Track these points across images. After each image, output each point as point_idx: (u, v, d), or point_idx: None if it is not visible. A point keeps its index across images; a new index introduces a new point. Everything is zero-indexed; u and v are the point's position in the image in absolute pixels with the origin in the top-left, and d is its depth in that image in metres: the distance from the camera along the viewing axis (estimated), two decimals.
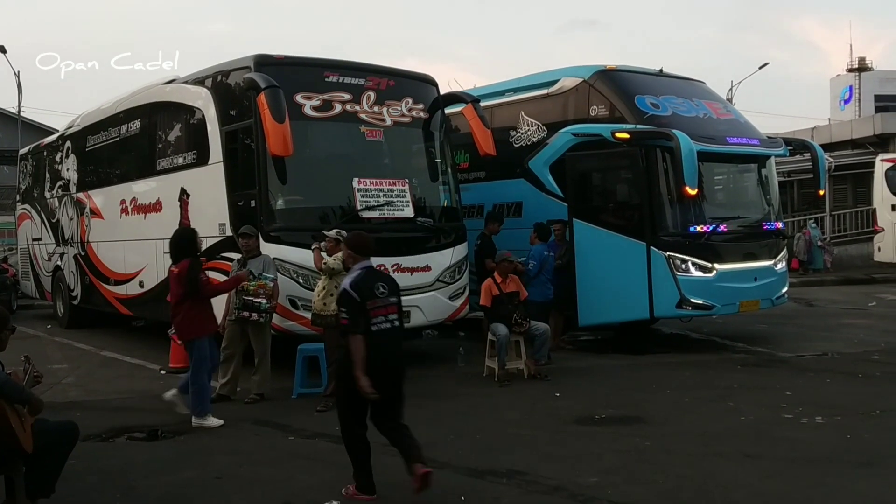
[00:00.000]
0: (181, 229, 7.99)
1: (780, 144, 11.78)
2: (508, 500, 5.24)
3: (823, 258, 22.50)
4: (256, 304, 8.22)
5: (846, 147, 27.30)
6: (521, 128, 11.86)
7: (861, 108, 58.85)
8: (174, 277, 7.46)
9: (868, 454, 6.08)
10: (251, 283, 8.23)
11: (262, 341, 8.41)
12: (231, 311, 8.39)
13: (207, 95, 10.15)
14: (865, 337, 11.78)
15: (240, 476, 5.90)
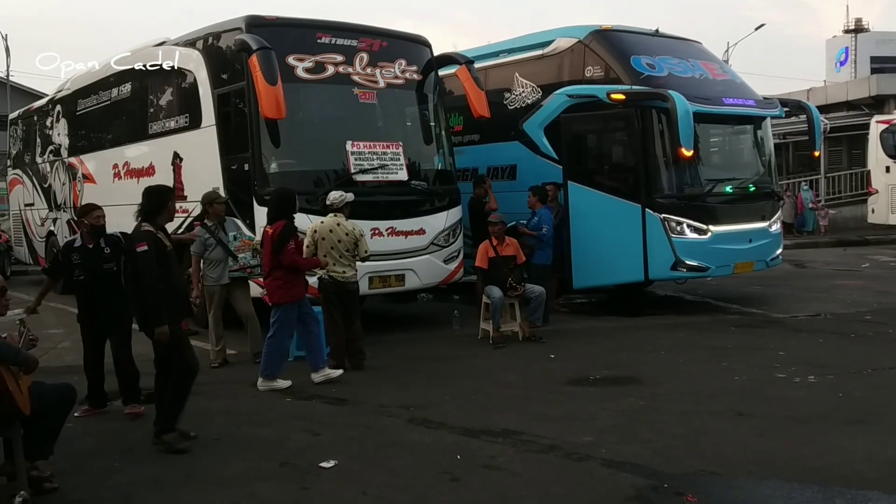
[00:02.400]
0: (280, 190, 8.12)
1: (776, 105, 11.73)
2: (504, 459, 5.30)
3: (819, 221, 22.51)
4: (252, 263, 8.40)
5: (842, 109, 27.24)
6: (515, 89, 11.77)
7: (857, 69, 58.48)
8: (268, 238, 7.42)
9: (859, 412, 6.15)
10: (255, 241, 8.37)
11: (248, 302, 8.59)
12: (220, 276, 8.43)
13: (199, 58, 10.04)
14: (858, 298, 11.85)
15: (237, 437, 5.95)
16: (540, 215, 10.07)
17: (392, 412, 6.50)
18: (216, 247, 8.40)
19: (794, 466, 5.04)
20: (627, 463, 5.12)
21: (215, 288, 8.46)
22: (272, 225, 7.46)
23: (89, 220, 6.63)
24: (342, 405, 6.82)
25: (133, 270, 5.93)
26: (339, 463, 5.26)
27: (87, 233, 6.66)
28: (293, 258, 7.38)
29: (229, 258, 8.41)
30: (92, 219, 6.63)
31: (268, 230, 7.51)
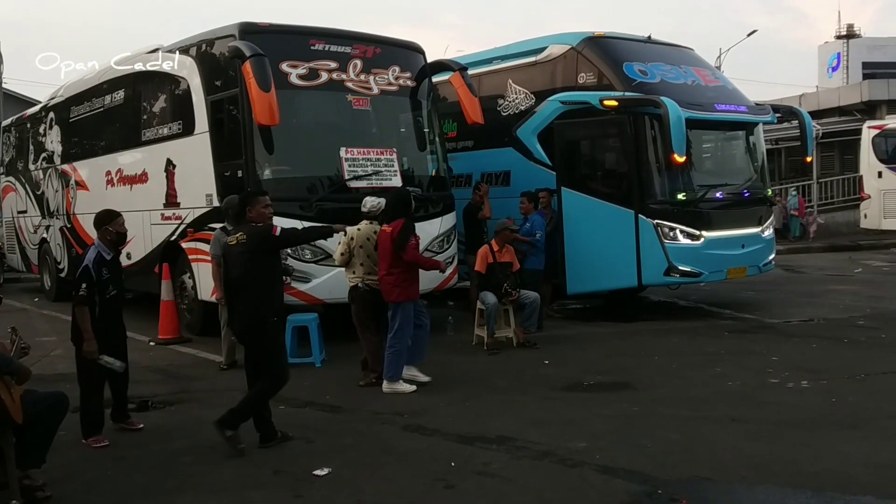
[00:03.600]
0: (399, 190, 8.24)
1: (768, 111, 11.78)
2: (498, 466, 5.29)
3: (808, 228, 22.55)
4: (289, 267, 8.38)
5: (834, 114, 27.35)
6: (508, 96, 11.80)
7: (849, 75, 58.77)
8: (386, 236, 7.36)
9: (853, 417, 6.16)
10: None
11: None
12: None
13: (192, 65, 10.03)
14: (851, 303, 11.88)
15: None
16: (532, 221, 10.09)
17: (386, 419, 6.49)
18: None
19: (788, 471, 5.04)
20: (622, 469, 5.12)
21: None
22: (391, 223, 7.44)
23: (115, 228, 6.16)
24: (336, 412, 6.81)
25: (248, 270, 5.74)
26: (333, 470, 5.24)
27: (111, 241, 6.18)
28: (416, 255, 7.39)
29: None
30: (118, 226, 6.17)
31: (386, 228, 7.48)
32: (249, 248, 5.75)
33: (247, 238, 5.77)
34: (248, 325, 5.79)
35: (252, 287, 5.72)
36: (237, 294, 5.85)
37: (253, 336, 5.81)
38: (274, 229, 5.81)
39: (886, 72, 45.58)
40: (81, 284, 5.84)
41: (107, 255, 6.07)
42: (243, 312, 5.80)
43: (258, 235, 5.78)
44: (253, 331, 5.77)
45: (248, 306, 5.75)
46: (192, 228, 9.94)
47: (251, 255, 5.74)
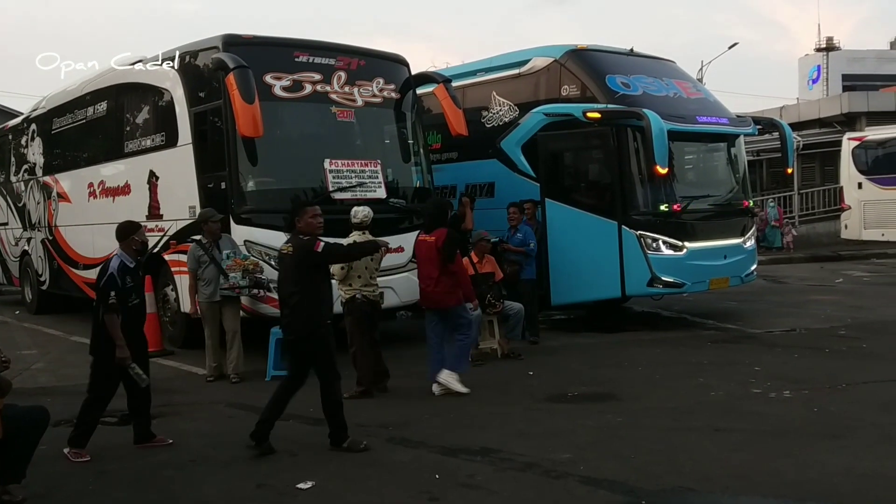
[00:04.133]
0: (438, 199, 8.37)
1: (749, 123, 11.89)
2: (482, 478, 5.29)
3: (784, 238, 22.70)
4: (263, 280, 8.41)
5: (814, 126, 27.62)
6: (492, 108, 11.85)
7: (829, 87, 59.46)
8: (430, 245, 7.52)
9: (835, 427, 6.21)
10: (247, 262, 8.39)
11: (237, 319, 8.57)
12: (213, 294, 8.47)
13: (175, 76, 10.01)
14: (832, 312, 11.98)
15: (214, 458, 5.89)
16: (524, 231, 10.05)
17: (371, 431, 6.47)
18: (209, 264, 8.46)
19: (771, 481, 5.07)
20: (606, 480, 5.13)
21: (206, 305, 8.51)
22: (433, 233, 7.61)
23: (140, 237, 6.22)
24: (320, 425, 6.73)
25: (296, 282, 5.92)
26: (317, 483, 5.22)
27: (136, 251, 6.20)
28: (460, 262, 7.67)
29: (220, 276, 8.41)
30: (141, 235, 6.25)
31: (428, 238, 7.64)
32: (295, 261, 5.93)
33: (293, 251, 5.95)
34: (299, 334, 5.96)
35: (299, 298, 5.90)
36: (285, 303, 6.02)
37: (303, 345, 5.99)
38: (317, 244, 5.93)
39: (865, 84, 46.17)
40: (110, 292, 5.86)
41: (130, 264, 6.10)
42: (292, 322, 5.98)
43: (302, 249, 5.92)
44: (303, 340, 5.96)
45: (296, 317, 5.93)
46: (175, 241, 9.89)
47: (296, 268, 5.93)
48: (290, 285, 5.97)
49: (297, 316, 5.92)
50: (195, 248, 8.61)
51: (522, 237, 10.00)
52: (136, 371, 5.94)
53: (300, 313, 5.90)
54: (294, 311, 5.93)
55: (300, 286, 5.90)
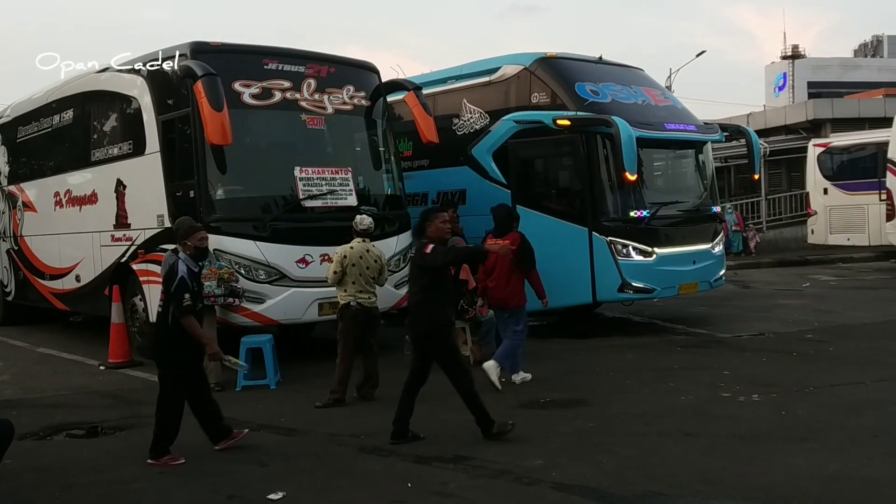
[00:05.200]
0: (504, 205, 8.88)
1: (717, 130, 12.04)
2: (455, 486, 5.28)
3: (748, 243, 22.95)
4: (238, 289, 8.43)
5: (780, 132, 28.01)
6: (463, 115, 11.88)
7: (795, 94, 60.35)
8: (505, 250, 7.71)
9: (802, 430, 6.29)
10: (223, 271, 8.36)
11: (212, 328, 8.44)
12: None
13: (143, 84, 9.92)
14: (799, 317, 12.13)
15: (183, 470, 5.82)
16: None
17: (343, 440, 6.44)
18: None
19: (741, 485, 5.12)
20: (578, 486, 5.15)
21: None
22: (505, 237, 8.09)
23: (193, 242, 6.20)
24: (291, 435, 6.73)
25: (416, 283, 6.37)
26: (289, 494, 5.18)
27: (191, 256, 6.19)
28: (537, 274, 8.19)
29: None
30: (196, 240, 6.23)
31: (500, 242, 7.92)
32: (415, 262, 6.47)
33: (414, 254, 6.50)
34: (418, 333, 6.35)
35: (418, 299, 6.34)
36: (410, 303, 6.48)
37: (426, 343, 6.36)
38: (426, 247, 6.28)
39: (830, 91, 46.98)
40: (184, 294, 5.91)
41: (194, 269, 6.19)
42: (413, 322, 6.39)
43: (417, 252, 6.44)
44: (424, 338, 6.34)
45: (415, 316, 6.36)
46: (144, 250, 9.79)
47: (415, 269, 6.44)
48: (412, 286, 6.49)
49: (417, 315, 6.34)
50: (170, 255, 8.48)
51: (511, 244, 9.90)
52: (231, 361, 6.32)
53: (419, 313, 6.31)
54: (414, 311, 6.38)
55: (419, 287, 6.33)
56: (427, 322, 6.27)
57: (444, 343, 6.32)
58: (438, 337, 6.30)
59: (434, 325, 6.28)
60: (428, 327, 6.28)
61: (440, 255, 6.34)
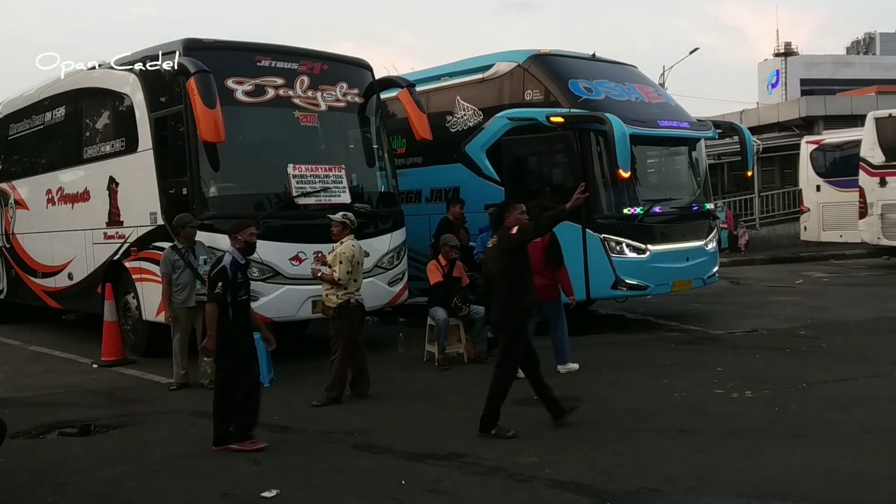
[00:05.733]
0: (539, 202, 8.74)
1: (710, 127, 12.04)
2: (449, 483, 5.28)
3: (739, 240, 22.96)
4: None
5: (773, 130, 28.10)
6: (457, 112, 11.87)
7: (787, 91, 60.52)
8: (535, 245, 7.83)
9: (795, 426, 6.31)
10: (206, 265, 8.25)
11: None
12: (188, 299, 8.42)
13: (135, 81, 9.88)
14: (793, 313, 12.17)
15: (176, 468, 5.81)
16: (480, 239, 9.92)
17: (336, 438, 6.44)
18: (185, 269, 8.40)
19: (734, 481, 5.13)
20: (571, 482, 5.16)
21: (181, 311, 8.42)
22: None
23: (243, 237, 6.45)
24: (285, 433, 6.72)
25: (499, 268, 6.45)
26: (282, 492, 5.17)
27: (240, 249, 6.44)
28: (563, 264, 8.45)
29: (197, 282, 8.32)
30: (246, 235, 6.48)
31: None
32: (498, 248, 6.51)
33: (497, 240, 6.55)
34: (499, 317, 6.45)
35: (502, 283, 6.41)
36: (492, 290, 6.51)
37: (498, 328, 6.53)
38: (511, 230, 6.41)
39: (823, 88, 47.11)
40: (217, 283, 6.18)
41: (241, 261, 6.42)
42: (496, 306, 6.45)
43: (502, 238, 6.53)
44: (499, 324, 6.48)
45: (498, 300, 6.41)
46: (136, 248, 9.76)
47: (499, 254, 6.49)
48: (493, 273, 6.54)
49: (495, 304, 6.46)
50: (170, 252, 8.53)
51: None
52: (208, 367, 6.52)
53: (497, 302, 6.43)
54: (494, 300, 6.47)
55: (499, 276, 6.44)
56: (504, 311, 6.41)
57: (514, 330, 6.43)
58: (507, 323, 6.43)
59: (510, 313, 6.40)
60: (503, 316, 6.43)
61: (529, 228, 6.55)
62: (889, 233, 17.23)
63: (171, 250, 8.54)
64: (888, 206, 17.07)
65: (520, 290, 6.43)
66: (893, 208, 16.99)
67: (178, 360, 8.44)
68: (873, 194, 17.34)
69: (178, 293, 8.42)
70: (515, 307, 6.39)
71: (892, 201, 16.99)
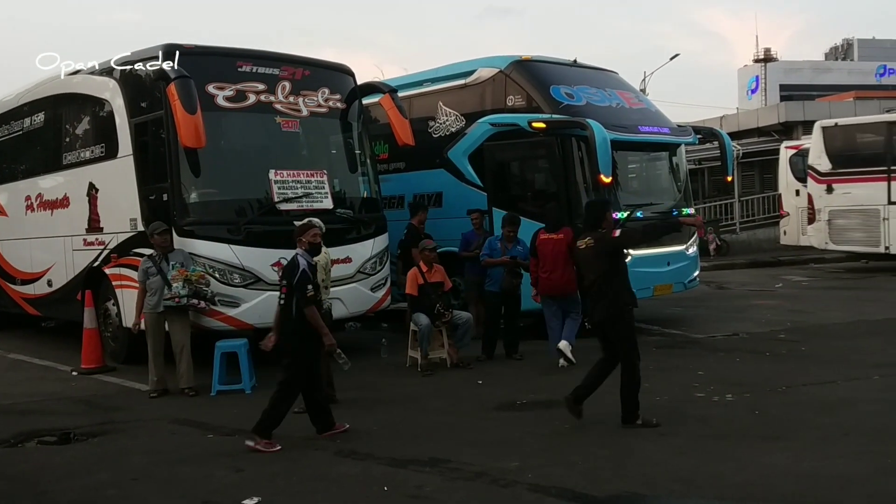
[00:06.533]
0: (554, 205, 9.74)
1: (690, 133, 12.13)
2: (431, 488, 5.27)
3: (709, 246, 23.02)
4: (204, 291, 8.34)
5: (753, 135, 28.28)
6: (439, 118, 11.88)
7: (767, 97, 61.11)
8: (559, 242, 9.00)
9: (775, 429, 6.35)
10: (192, 273, 8.31)
11: (185, 332, 8.44)
12: (156, 305, 8.37)
13: (115, 86, 9.83)
14: (772, 317, 12.25)
15: (157, 476, 5.76)
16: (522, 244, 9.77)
17: (318, 444, 6.41)
18: (157, 275, 8.38)
19: (715, 484, 5.16)
20: (553, 487, 5.16)
21: (150, 316, 8.40)
22: (559, 231, 9.11)
23: (307, 238, 6.70)
24: None
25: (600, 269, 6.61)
26: (264, 499, 5.14)
27: (307, 251, 6.68)
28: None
29: (165, 287, 8.29)
30: (310, 237, 6.74)
31: (554, 236, 9.08)
32: (596, 251, 6.65)
33: (594, 242, 6.66)
34: (604, 316, 6.58)
35: (605, 283, 6.56)
36: (592, 290, 6.66)
37: (610, 326, 6.60)
38: (613, 232, 6.64)
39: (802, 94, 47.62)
40: (307, 286, 6.37)
41: (312, 262, 6.63)
42: (601, 305, 6.59)
43: (602, 240, 6.67)
44: (610, 322, 6.57)
45: (603, 300, 6.56)
46: (117, 254, 9.69)
47: (597, 256, 6.64)
48: (590, 275, 6.67)
49: (597, 303, 6.59)
50: (145, 261, 8.55)
51: (523, 250, 9.65)
52: (341, 356, 6.51)
53: (600, 300, 6.56)
54: (594, 299, 6.61)
55: (600, 275, 6.57)
56: (609, 308, 6.53)
57: (626, 326, 6.59)
58: (620, 321, 6.55)
59: (617, 309, 6.53)
60: (611, 311, 6.53)
61: (637, 235, 6.77)
62: (836, 238, 17.79)
63: (146, 259, 8.55)
64: (835, 212, 17.64)
65: (627, 286, 6.65)
66: (840, 214, 17.57)
67: (151, 367, 8.39)
68: (821, 200, 17.90)
69: (148, 298, 8.44)
70: (628, 300, 6.60)
71: (838, 207, 17.56)
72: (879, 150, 17.24)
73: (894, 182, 16.66)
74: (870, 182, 16.98)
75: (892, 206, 16.67)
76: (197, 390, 8.30)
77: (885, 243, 16.89)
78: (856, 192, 17.21)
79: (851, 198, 17.27)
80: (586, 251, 6.72)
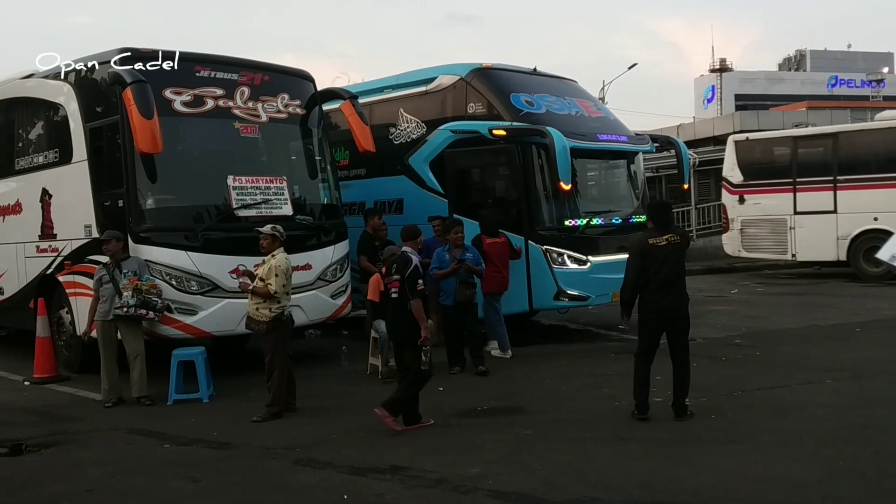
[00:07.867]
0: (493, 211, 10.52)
1: (647, 141, 12.28)
2: (392, 497, 5.25)
3: None
4: (154, 302, 8.17)
5: (709, 143, 28.72)
6: (400, 125, 11.88)
7: (723, 106, 62.24)
8: (503, 244, 9.99)
9: (731, 433, 6.45)
10: (143, 283, 8.17)
11: (138, 341, 8.29)
12: (107, 313, 8.24)
13: (70, 91, 9.65)
14: (728, 322, 12.45)
15: (112, 487, 5.66)
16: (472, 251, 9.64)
17: (277, 454, 6.35)
18: (109, 283, 8.26)
19: (673, 488, 5.23)
20: (513, 493, 5.18)
21: (100, 324, 8.29)
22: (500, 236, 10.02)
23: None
24: (224, 449, 6.60)
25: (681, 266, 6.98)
26: None
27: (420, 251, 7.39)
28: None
29: (116, 296, 8.16)
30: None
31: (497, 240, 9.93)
32: (682, 248, 6.96)
33: (679, 240, 6.93)
34: (680, 312, 6.91)
35: (681, 280, 6.92)
36: (666, 287, 6.84)
37: (682, 322, 6.96)
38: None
39: (756, 103, 48.64)
40: (418, 280, 6.86)
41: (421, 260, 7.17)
42: (678, 302, 6.90)
43: (685, 236, 7.12)
44: (684, 318, 6.94)
45: (679, 296, 6.90)
46: (70, 261, 9.50)
47: (682, 254, 6.97)
48: (665, 270, 6.82)
49: (679, 297, 6.89)
50: (100, 269, 8.43)
51: (473, 256, 9.56)
52: (429, 353, 6.89)
53: (681, 295, 6.90)
54: (678, 294, 6.88)
55: (682, 271, 6.95)
56: (686, 301, 6.97)
57: (688, 323, 7.04)
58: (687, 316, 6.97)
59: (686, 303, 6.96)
60: (686, 306, 6.97)
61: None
62: (748, 246, 18.72)
63: (101, 267, 8.44)
64: (747, 221, 18.55)
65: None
66: (751, 223, 18.50)
67: (102, 376, 8.25)
68: (734, 210, 18.84)
69: (99, 306, 8.34)
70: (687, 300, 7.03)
71: (749, 217, 18.48)
72: (786, 162, 18.18)
73: (800, 193, 17.64)
74: (778, 193, 17.95)
75: (798, 216, 17.64)
76: (153, 399, 8.17)
77: (791, 251, 17.90)
78: (765, 203, 18.17)
79: (761, 208, 18.24)
80: (668, 247, 6.85)
